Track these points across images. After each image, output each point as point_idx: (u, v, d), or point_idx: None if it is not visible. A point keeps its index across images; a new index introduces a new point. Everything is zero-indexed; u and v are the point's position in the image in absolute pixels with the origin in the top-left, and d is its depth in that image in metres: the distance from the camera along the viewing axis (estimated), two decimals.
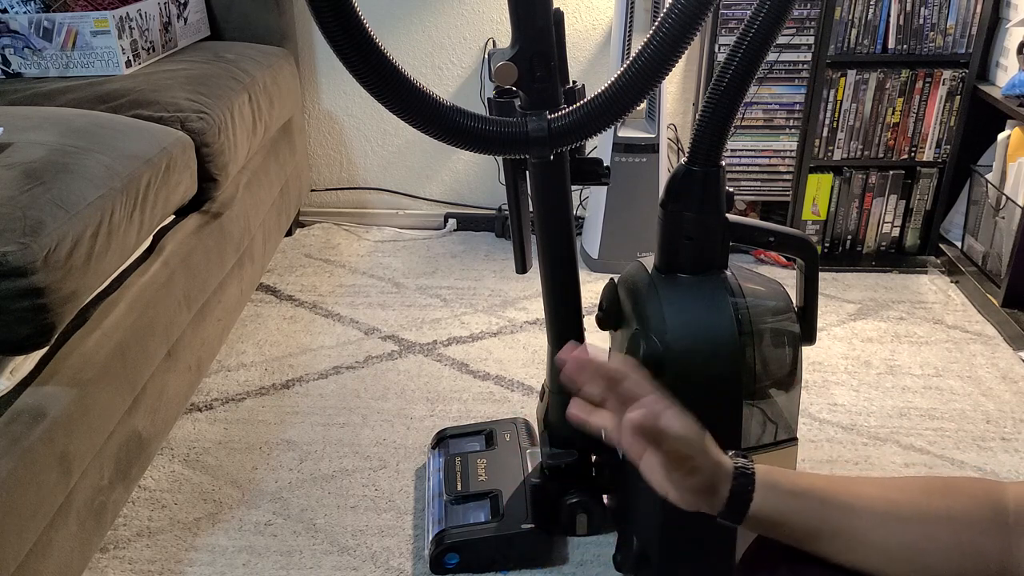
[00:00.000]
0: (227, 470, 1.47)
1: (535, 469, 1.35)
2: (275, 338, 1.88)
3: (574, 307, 1.22)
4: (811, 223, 2.21)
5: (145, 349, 1.29)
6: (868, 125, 2.10)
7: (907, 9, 1.99)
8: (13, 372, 1.08)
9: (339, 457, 1.50)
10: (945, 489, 0.71)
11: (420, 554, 1.29)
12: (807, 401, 1.65)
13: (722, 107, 0.98)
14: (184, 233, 1.51)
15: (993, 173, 1.98)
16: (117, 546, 1.30)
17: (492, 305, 2.03)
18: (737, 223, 1.07)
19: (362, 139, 2.43)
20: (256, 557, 1.28)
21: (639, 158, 2.08)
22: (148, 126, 1.48)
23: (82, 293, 1.13)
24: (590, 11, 2.24)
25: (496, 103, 1.07)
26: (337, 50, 0.85)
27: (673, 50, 0.88)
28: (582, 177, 1.14)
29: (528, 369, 1.76)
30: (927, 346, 1.84)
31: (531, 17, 0.96)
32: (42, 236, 1.04)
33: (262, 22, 2.16)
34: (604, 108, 0.93)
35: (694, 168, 1.03)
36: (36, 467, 1.00)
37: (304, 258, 2.28)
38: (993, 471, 1.46)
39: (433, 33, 2.29)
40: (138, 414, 1.27)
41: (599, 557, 1.28)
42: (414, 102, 0.91)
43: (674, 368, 1.01)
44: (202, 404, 1.64)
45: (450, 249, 2.34)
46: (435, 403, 1.65)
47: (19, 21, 1.72)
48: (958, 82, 2.04)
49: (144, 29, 1.83)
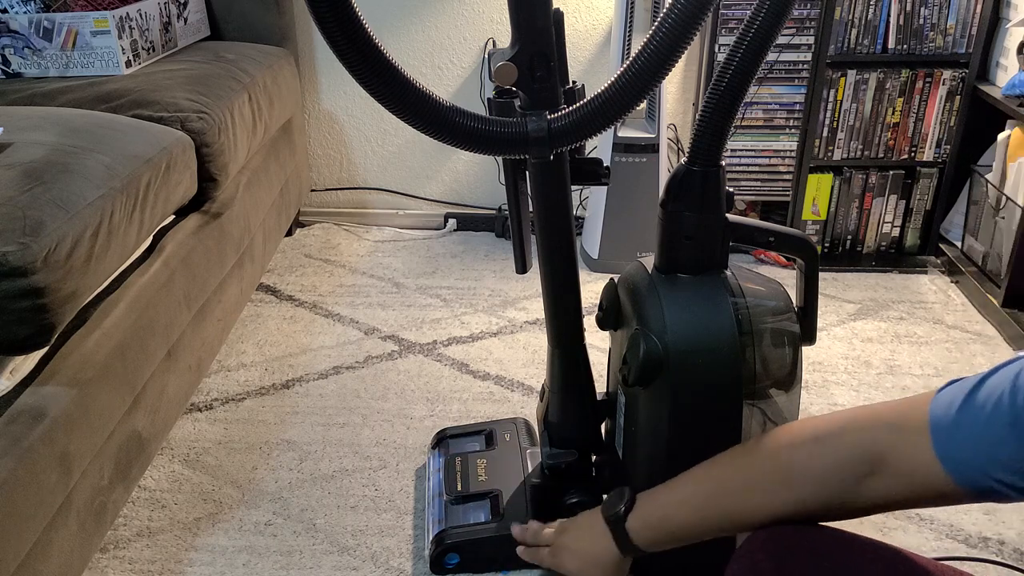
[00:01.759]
0: (227, 470, 1.47)
1: (535, 469, 1.35)
2: (275, 338, 1.88)
3: (574, 307, 1.22)
4: (811, 223, 2.21)
5: (145, 349, 1.29)
6: (868, 125, 2.10)
7: (907, 9, 1.99)
8: (13, 372, 1.08)
9: (339, 457, 1.50)
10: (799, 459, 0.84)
11: (420, 554, 1.29)
12: (807, 401, 1.65)
13: (722, 107, 0.98)
14: (184, 233, 1.51)
15: (993, 173, 1.98)
16: (117, 546, 1.30)
17: (492, 305, 2.03)
18: (737, 223, 1.07)
19: (362, 139, 2.43)
20: (256, 557, 1.28)
21: (639, 158, 2.08)
22: (148, 126, 1.48)
23: (82, 293, 1.13)
24: (590, 11, 2.24)
25: (496, 103, 1.07)
26: (337, 50, 0.85)
27: (673, 50, 0.87)
28: (582, 177, 1.14)
29: (528, 369, 1.76)
30: (927, 346, 1.84)
31: (531, 17, 0.96)
32: (42, 236, 1.04)
33: (262, 22, 2.16)
34: (604, 108, 0.93)
35: (694, 168, 1.03)
36: (36, 467, 1.00)
37: (304, 258, 2.28)
38: None
39: (433, 33, 2.29)
40: (138, 414, 1.27)
41: None
42: (414, 102, 0.91)
43: (674, 368, 1.01)
44: (202, 404, 1.64)
45: (450, 249, 2.34)
46: (435, 403, 1.65)
47: (19, 21, 1.72)
48: (958, 82, 2.04)
49: (144, 29, 1.83)
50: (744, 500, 0.87)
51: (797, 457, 0.82)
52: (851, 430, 0.78)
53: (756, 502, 0.85)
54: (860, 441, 0.76)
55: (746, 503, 0.86)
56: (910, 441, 0.71)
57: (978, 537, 1.31)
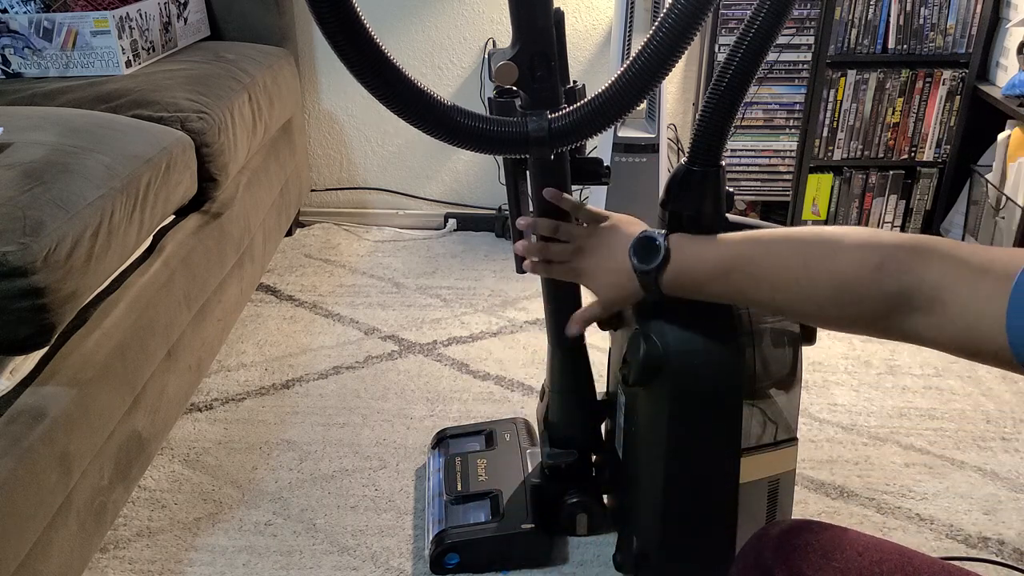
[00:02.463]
0: (227, 470, 1.47)
1: (535, 469, 1.34)
2: (275, 338, 1.88)
3: (574, 307, 1.22)
4: (811, 223, 2.21)
5: (145, 349, 1.29)
6: (868, 125, 2.10)
7: (907, 9, 1.99)
8: (13, 372, 1.08)
9: (339, 457, 1.50)
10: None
11: (420, 554, 1.29)
12: (807, 401, 1.65)
13: (722, 107, 0.98)
14: (184, 233, 1.51)
15: (993, 173, 1.98)
16: (117, 546, 1.30)
17: (492, 305, 2.03)
18: (737, 223, 1.07)
19: (362, 139, 2.43)
20: (256, 557, 1.28)
21: (639, 158, 2.08)
22: (148, 126, 1.48)
23: (82, 293, 1.13)
24: (590, 11, 2.24)
25: (496, 103, 1.07)
26: (337, 50, 0.85)
27: (673, 50, 0.87)
28: (582, 177, 1.14)
29: (528, 369, 1.76)
30: None
31: (531, 17, 0.96)
32: (42, 236, 1.04)
33: (262, 22, 2.16)
34: (604, 108, 0.93)
35: (694, 168, 1.02)
36: (36, 467, 1.00)
37: (304, 258, 2.28)
38: (993, 471, 1.46)
39: (433, 33, 2.29)
40: (138, 414, 1.27)
41: (599, 557, 1.28)
42: (414, 102, 0.91)
43: (674, 368, 1.01)
44: (202, 404, 1.64)
45: (450, 249, 2.34)
46: (435, 403, 1.65)
47: (19, 21, 1.72)
48: (958, 82, 2.04)
49: (144, 29, 1.83)
50: (787, 289, 0.81)
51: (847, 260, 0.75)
52: (921, 256, 0.70)
53: (796, 291, 0.79)
54: (923, 276, 0.69)
55: (788, 292, 0.80)
56: (982, 294, 0.64)
57: (978, 537, 1.32)
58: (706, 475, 1.07)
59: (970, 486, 1.42)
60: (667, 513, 1.08)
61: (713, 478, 1.07)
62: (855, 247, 0.75)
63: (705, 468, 1.06)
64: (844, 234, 0.77)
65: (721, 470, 1.06)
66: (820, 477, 1.45)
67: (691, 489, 1.08)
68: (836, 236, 0.78)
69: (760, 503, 1.10)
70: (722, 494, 1.07)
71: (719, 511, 1.08)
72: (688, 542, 1.11)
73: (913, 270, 0.70)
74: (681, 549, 1.11)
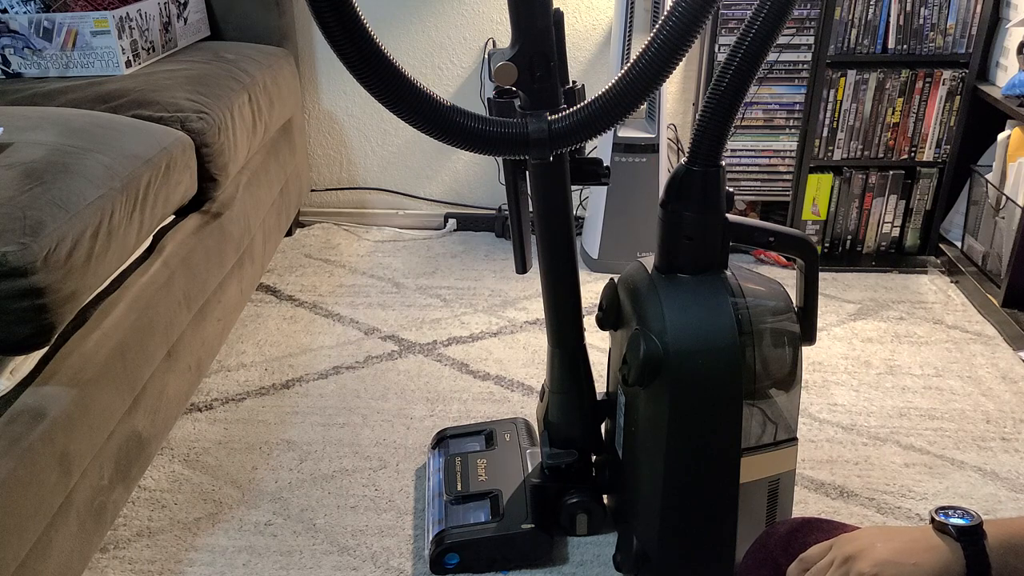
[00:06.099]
0: (227, 470, 1.47)
1: (535, 469, 1.34)
2: (275, 338, 1.88)
3: (574, 307, 1.22)
4: (811, 223, 2.21)
5: (145, 349, 1.29)
6: (868, 125, 2.10)
7: (907, 9, 1.99)
8: (13, 372, 1.08)
9: (339, 457, 1.50)
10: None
11: (420, 554, 1.29)
12: (807, 401, 1.65)
13: (722, 107, 0.98)
14: (184, 233, 1.51)
15: (993, 173, 1.98)
16: (117, 546, 1.30)
17: (492, 305, 2.03)
18: (737, 223, 1.07)
19: (362, 139, 2.43)
20: (256, 557, 1.28)
21: (639, 158, 2.08)
22: (148, 126, 1.48)
23: (82, 293, 1.13)
24: (590, 11, 2.24)
25: (496, 103, 1.07)
26: (337, 50, 0.85)
27: (674, 53, 0.87)
28: (582, 177, 1.14)
29: (528, 369, 1.76)
30: (927, 346, 1.84)
31: (531, 17, 0.96)
32: (42, 236, 1.04)
33: (262, 22, 2.16)
34: (605, 110, 0.93)
35: (694, 168, 1.03)
36: (36, 467, 1.00)
37: (304, 258, 2.28)
38: (993, 471, 1.46)
39: (433, 33, 2.29)
40: (138, 414, 1.27)
41: (599, 557, 1.28)
42: (414, 102, 0.91)
43: (674, 368, 1.01)
44: (202, 404, 1.64)
45: (450, 249, 2.34)
46: (435, 403, 1.65)
47: (19, 21, 1.72)
48: (958, 82, 2.04)
49: (144, 29, 1.83)
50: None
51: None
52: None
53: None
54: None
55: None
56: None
57: None
58: (706, 475, 1.07)
59: (970, 486, 1.42)
60: (667, 513, 1.08)
61: (713, 478, 1.07)
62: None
63: (705, 468, 1.07)
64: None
65: (721, 470, 1.06)
66: (820, 477, 1.45)
67: (691, 489, 1.08)
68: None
69: (760, 503, 1.11)
70: (722, 494, 1.07)
71: (719, 511, 1.08)
72: (688, 542, 1.11)
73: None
74: (681, 549, 1.11)
